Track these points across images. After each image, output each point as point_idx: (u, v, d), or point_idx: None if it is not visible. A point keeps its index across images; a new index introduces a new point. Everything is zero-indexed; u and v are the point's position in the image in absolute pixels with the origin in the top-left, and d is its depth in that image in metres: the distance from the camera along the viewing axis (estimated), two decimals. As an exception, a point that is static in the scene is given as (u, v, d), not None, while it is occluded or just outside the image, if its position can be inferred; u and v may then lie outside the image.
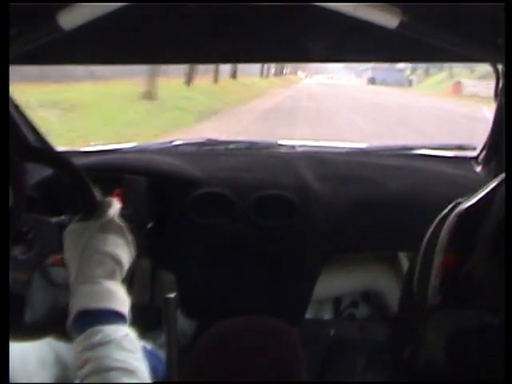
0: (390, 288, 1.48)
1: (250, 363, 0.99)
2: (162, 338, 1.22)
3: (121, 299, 0.72)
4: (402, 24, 0.90)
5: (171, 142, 1.83)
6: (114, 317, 0.68)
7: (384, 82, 39.64)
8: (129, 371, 0.62)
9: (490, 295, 0.44)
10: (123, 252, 0.78)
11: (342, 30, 1.04)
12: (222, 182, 1.46)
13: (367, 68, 45.35)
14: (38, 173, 1.37)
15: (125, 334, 0.67)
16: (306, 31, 1.10)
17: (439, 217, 0.55)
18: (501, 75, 1.35)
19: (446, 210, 0.55)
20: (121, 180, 1.36)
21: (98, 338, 0.65)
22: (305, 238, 1.41)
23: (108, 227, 0.79)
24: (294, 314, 1.44)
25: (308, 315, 1.52)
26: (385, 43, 1.09)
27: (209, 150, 1.74)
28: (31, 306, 0.84)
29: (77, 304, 0.69)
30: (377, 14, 0.90)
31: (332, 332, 1.52)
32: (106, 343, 0.64)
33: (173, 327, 1.14)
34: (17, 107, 1.56)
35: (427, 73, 39.65)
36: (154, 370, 0.68)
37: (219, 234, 1.42)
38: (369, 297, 1.60)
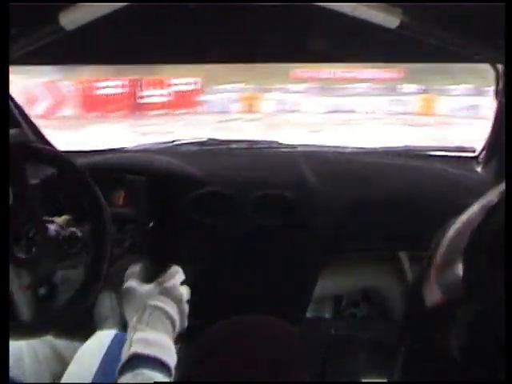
0: (389, 287, 1.49)
1: (250, 362, 0.99)
2: None
3: (170, 353, 0.83)
4: (402, 24, 0.90)
5: (172, 141, 1.83)
6: (159, 365, 0.80)
7: None
8: None
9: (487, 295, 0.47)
10: (178, 317, 0.93)
11: (342, 29, 1.04)
12: (222, 181, 1.46)
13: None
14: (39, 172, 1.37)
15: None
16: (306, 31, 1.10)
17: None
18: (501, 75, 1.35)
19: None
20: (122, 180, 1.36)
21: (140, 378, 0.76)
22: (305, 237, 1.42)
23: (170, 293, 0.94)
24: (295, 313, 1.44)
25: (309, 314, 1.53)
26: (385, 43, 1.09)
27: (209, 149, 1.74)
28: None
29: (133, 347, 0.81)
30: (377, 14, 0.90)
31: (333, 331, 1.52)
32: None
33: None
34: (18, 106, 1.56)
35: None
36: None
37: (220, 233, 1.42)
38: (369, 296, 1.60)
